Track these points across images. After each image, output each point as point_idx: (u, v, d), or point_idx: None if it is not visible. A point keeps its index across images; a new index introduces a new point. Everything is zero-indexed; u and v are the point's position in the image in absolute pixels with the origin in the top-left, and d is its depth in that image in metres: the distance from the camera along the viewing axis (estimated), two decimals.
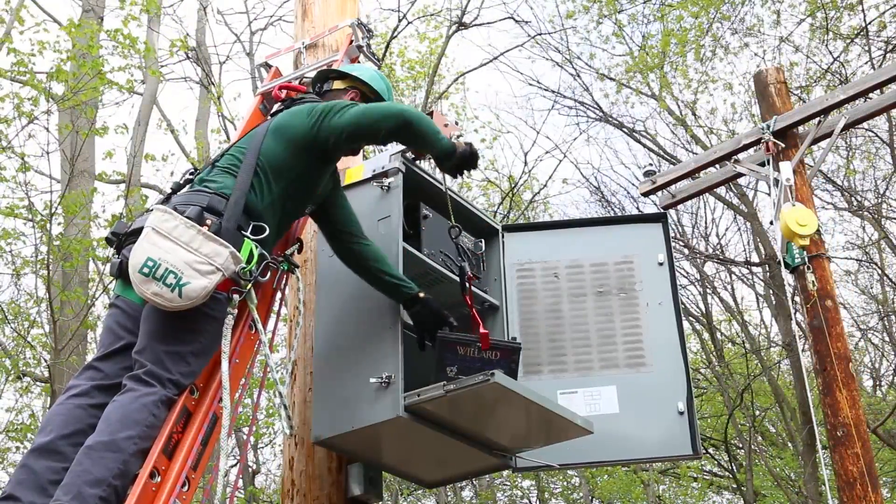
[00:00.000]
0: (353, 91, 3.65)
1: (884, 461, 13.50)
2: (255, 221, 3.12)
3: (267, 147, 3.26)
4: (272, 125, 3.34)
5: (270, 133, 3.30)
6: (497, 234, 4.33)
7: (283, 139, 3.29)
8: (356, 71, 3.71)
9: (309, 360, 3.85)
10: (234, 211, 3.08)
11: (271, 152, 3.26)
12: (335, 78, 3.70)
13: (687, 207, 13.81)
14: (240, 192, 3.13)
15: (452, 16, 13.16)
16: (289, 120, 3.34)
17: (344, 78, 3.68)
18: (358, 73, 3.69)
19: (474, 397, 3.30)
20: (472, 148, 3.30)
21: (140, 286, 2.87)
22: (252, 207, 3.15)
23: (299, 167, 3.30)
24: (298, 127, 3.30)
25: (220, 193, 3.14)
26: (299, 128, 3.29)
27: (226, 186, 3.16)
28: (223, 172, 3.24)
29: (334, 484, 3.71)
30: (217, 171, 3.26)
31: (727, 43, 13.10)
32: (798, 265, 6.48)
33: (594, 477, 15.69)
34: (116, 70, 10.36)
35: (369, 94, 3.66)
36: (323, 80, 3.72)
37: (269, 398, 11.57)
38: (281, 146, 3.27)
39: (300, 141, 3.28)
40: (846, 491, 5.97)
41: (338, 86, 3.67)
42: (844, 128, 6.95)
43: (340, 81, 3.68)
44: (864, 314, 15.80)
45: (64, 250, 8.92)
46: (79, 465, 2.71)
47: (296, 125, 3.31)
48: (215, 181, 3.20)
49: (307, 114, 3.32)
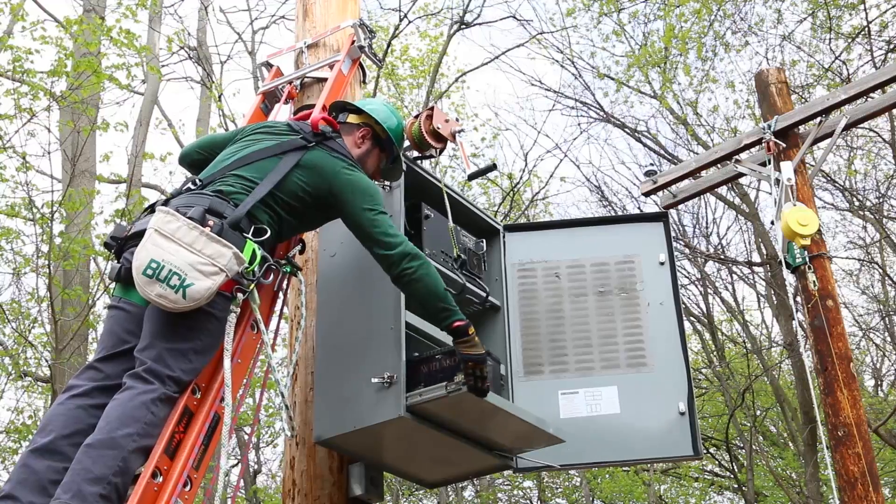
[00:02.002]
0: (366, 128, 3.62)
1: (885, 461, 13.50)
2: (256, 224, 3.14)
3: (291, 182, 3.28)
4: (303, 162, 3.33)
5: (298, 168, 3.31)
6: (498, 234, 4.33)
7: (309, 178, 3.31)
8: (370, 108, 3.67)
9: (310, 360, 3.85)
10: (238, 214, 3.09)
11: (293, 185, 3.28)
12: (351, 111, 3.69)
13: (688, 207, 13.81)
14: (252, 201, 3.16)
15: (454, 15, 13.17)
16: (322, 167, 3.34)
17: (359, 113, 3.66)
18: (372, 111, 3.65)
19: (472, 398, 3.30)
20: (484, 361, 3.27)
21: (144, 288, 2.88)
22: (255, 216, 3.17)
23: (311, 204, 3.34)
24: (332, 179, 3.32)
25: (222, 196, 3.15)
26: (329, 185, 3.32)
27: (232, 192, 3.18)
28: (236, 179, 3.24)
29: (335, 484, 3.70)
30: (230, 178, 3.25)
31: (728, 42, 13.10)
32: (799, 265, 6.47)
33: (595, 477, 15.68)
34: (115, 67, 10.35)
35: (381, 133, 3.64)
36: (339, 111, 3.71)
37: (269, 398, 11.58)
38: (304, 183, 3.30)
39: (325, 197, 3.33)
40: (847, 491, 5.97)
41: (352, 119, 3.64)
42: (846, 127, 6.95)
43: (355, 116, 3.66)
44: (866, 314, 15.81)
45: (64, 249, 8.92)
46: (79, 463, 2.72)
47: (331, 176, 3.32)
48: (221, 189, 3.21)
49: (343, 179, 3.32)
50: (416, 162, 3.87)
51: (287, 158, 3.33)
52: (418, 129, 3.82)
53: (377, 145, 3.63)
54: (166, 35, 12.18)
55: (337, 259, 3.75)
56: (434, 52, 13.80)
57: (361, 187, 3.33)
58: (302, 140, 3.41)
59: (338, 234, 3.78)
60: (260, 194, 3.19)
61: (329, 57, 4.46)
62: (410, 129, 3.85)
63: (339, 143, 3.49)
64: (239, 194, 3.19)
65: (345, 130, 3.60)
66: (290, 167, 3.29)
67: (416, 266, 3.24)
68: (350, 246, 3.72)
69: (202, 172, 3.40)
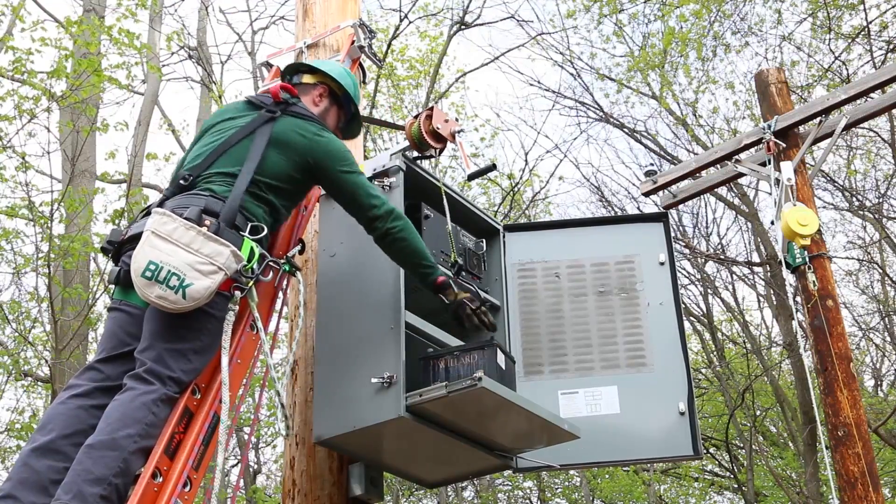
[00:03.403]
0: (322, 86, 3.67)
1: (885, 461, 13.50)
2: (252, 222, 3.14)
3: (270, 163, 3.28)
4: (275, 136, 3.33)
5: (273, 145, 3.31)
6: (498, 234, 4.33)
7: (287, 153, 3.31)
8: (325, 67, 3.72)
9: (310, 360, 3.85)
10: (231, 211, 3.09)
11: (273, 165, 3.28)
12: (305, 71, 3.71)
13: (688, 207, 13.81)
14: (239, 195, 3.15)
15: (454, 15, 13.18)
16: (295, 138, 3.35)
17: (314, 73, 3.69)
18: (327, 69, 3.71)
19: (474, 398, 3.30)
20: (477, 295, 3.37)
21: (144, 290, 2.88)
22: (249, 211, 3.17)
23: (297, 180, 3.36)
24: (308, 149, 3.34)
25: (216, 196, 3.15)
26: (309, 151, 3.34)
27: (224, 192, 3.18)
28: (222, 178, 3.24)
29: (335, 484, 3.70)
30: (215, 178, 3.25)
31: (728, 42, 13.10)
32: (799, 265, 6.48)
33: (595, 477, 15.68)
34: (115, 67, 10.36)
35: (337, 90, 3.69)
36: (293, 73, 3.73)
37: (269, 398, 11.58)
38: (284, 160, 3.30)
39: (309, 170, 3.35)
40: (847, 491, 5.97)
41: (307, 80, 3.68)
42: (845, 128, 6.95)
43: (310, 76, 3.69)
44: (866, 314, 15.82)
45: (64, 248, 8.92)
46: (79, 464, 2.72)
47: (306, 146, 3.34)
48: (212, 188, 3.20)
49: (321, 147, 3.35)
50: (416, 162, 3.87)
51: (258, 137, 3.32)
52: (418, 129, 3.81)
53: (335, 103, 3.69)
54: (166, 35, 12.18)
55: (337, 259, 3.75)
56: (434, 52, 13.80)
57: (336, 151, 3.39)
58: (267, 113, 3.41)
59: (338, 234, 3.78)
60: (243, 185, 3.18)
61: (329, 56, 4.47)
62: (410, 130, 3.85)
63: (302, 107, 3.50)
64: (229, 191, 3.19)
65: (302, 91, 3.63)
66: (264, 145, 3.29)
67: (402, 224, 3.35)
68: (350, 246, 3.72)
69: (185, 167, 3.37)
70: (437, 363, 3.43)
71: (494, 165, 4.54)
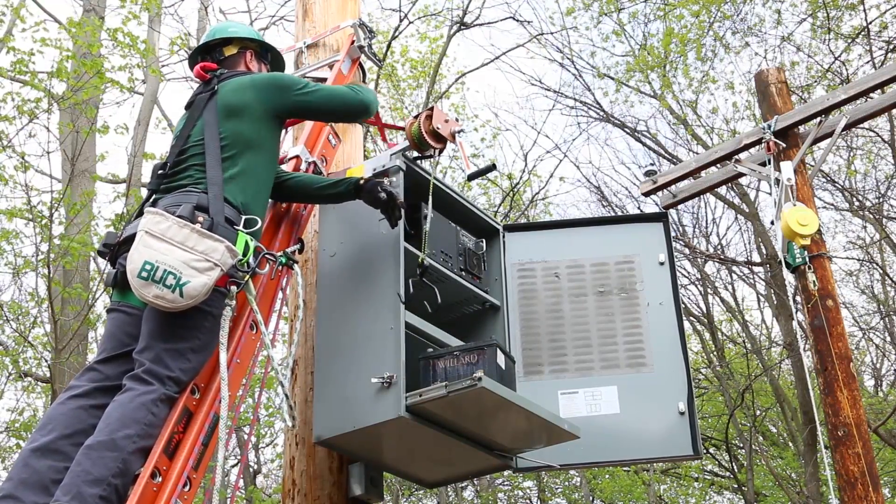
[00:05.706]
0: (248, 52, 3.74)
1: (885, 461, 13.50)
2: (245, 215, 3.14)
3: (227, 129, 3.29)
4: (221, 106, 3.35)
5: (223, 115, 3.33)
6: (498, 234, 4.33)
7: (243, 115, 3.33)
8: (241, 32, 3.79)
9: (310, 359, 3.84)
10: (218, 205, 3.09)
11: (234, 132, 3.29)
12: (218, 45, 3.74)
13: (688, 207, 13.82)
14: (217, 187, 3.15)
15: (454, 16, 13.17)
16: (241, 97, 3.38)
17: (229, 43, 3.73)
18: (244, 33, 3.79)
19: (473, 398, 3.30)
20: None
21: (141, 290, 2.87)
22: (235, 198, 3.17)
23: (265, 135, 3.37)
24: (262, 100, 3.38)
25: (206, 191, 3.14)
26: (265, 100, 3.38)
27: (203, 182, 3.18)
28: (193, 169, 3.23)
29: (335, 484, 3.70)
30: (188, 169, 3.24)
31: (727, 43, 13.10)
32: (799, 265, 6.48)
33: (595, 477, 15.68)
34: (117, 69, 10.36)
35: (257, 48, 3.77)
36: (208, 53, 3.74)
37: (269, 398, 11.58)
38: (244, 123, 3.33)
39: (269, 111, 3.39)
40: (847, 491, 5.97)
41: (230, 51, 3.72)
42: (845, 128, 6.95)
43: (230, 47, 3.73)
44: (865, 314, 15.82)
45: (64, 247, 8.93)
46: (78, 465, 2.72)
47: (259, 98, 3.37)
48: (188, 180, 3.20)
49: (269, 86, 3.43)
50: (415, 161, 3.87)
51: (207, 116, 3.35)
52: (418, 129, 3.80)
53: (263, 60, 3.80)
54: (167, 36, 12.18)
55: (337, 259, 3.75)
56: (434, 52, 13.79)
57: (280, 81, 3.50)
58: (205, 93, 3.45)
59: (338, 233, 3.78)
60: (216, 176, 3.18)
61: (329, 57, 4.47)
62: (410, 130, 3.84)
63: (230, 72, 3.57)
64: (204, 178, 3.19)
65: (230, 64, 3.67)
66: (214, 122, 3.31)
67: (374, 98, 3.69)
68: (350, 246, 3.72)
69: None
70: (437, 363, 3.43)
71: (494, 166, 4.53)
